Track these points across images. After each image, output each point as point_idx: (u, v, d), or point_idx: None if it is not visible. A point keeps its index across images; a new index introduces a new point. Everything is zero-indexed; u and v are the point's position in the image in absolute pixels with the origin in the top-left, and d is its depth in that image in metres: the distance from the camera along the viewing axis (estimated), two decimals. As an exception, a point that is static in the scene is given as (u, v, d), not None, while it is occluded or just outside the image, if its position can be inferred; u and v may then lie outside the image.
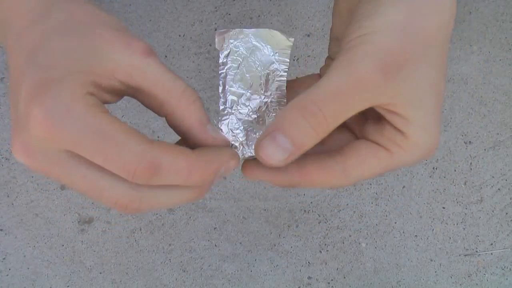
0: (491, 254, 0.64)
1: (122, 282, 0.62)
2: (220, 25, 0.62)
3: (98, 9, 0.23)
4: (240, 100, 0.26)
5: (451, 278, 0.64)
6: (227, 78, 0.26)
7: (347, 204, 0.64)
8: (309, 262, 0.63)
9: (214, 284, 0.63)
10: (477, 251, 0.64)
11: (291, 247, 0.63)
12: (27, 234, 0.61)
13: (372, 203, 0.64)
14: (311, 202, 0.63)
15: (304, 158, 0.24)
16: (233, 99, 0.26)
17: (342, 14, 0.26)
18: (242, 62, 0.26)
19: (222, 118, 0.26)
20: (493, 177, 0.64)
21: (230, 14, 0.62)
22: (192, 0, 0.62)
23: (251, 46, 0.26)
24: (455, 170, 0.64)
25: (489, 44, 0.64)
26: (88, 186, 0.21)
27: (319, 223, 0.63)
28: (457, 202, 0.64)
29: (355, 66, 0.21)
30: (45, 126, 0.19)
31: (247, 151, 0.26)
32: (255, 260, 0.63)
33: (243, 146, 0.26)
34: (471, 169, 0.64)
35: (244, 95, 0.26)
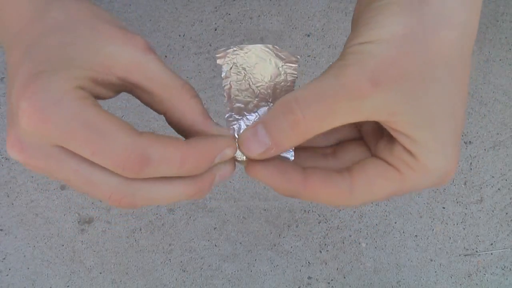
0: (491, 254, 0.64)
1: (122, 282, 0.62)
2: (220, 25, 0.62)
3: (97, 7, 0.23)
4: (247, 107, 0.25)
5: (451, 278, 0.64)
6: (232, 89, 0.25)
7: (347, 204, 0.64)
8: (309, 262, 0.63)
9: (214, 284, 0.63)
10: (477, 251, 0.64)
11: (291, 247, 0.63)
12: (27, 234, 0.61)
13: (372, 203, 0.64)
14: (311, 202, 0.63)
15: (312, 170, 0.23)
16: (240, 106, 0.25)
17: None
18: (247, 74, 0.25)
19: (230, 124, 0.25)
20: (493, 177, 0.64)
21: (230, 14, 0.62)
22: (192, 0, 0.62)
23: (255, 60, 0.25)
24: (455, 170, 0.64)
25: (489, 44, 0.64)
26: (80, 181, 0.21)
27: (319, 223, 0.63)
28: (457, 202, 0.64)
29: (344, 72, 0.20)
30: (33, 118, 0.19)
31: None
32: (255, 260, 0.63)
33: None
34: (471, 169, 0.64)
35: (251, 103, 0.25)
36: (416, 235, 0.64)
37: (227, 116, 0.25)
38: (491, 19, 0.64)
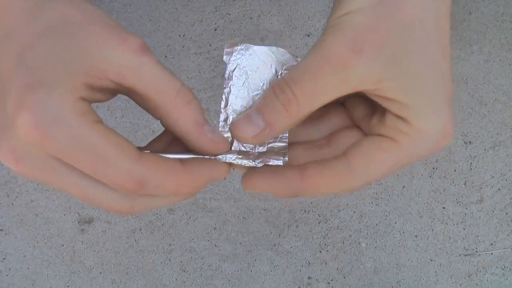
0: (491, 254, 0.64)
1: (122, 282, 0.62)
2: (220, 25, 0.62)
3: (91, 5, 0.22)
4: None
5: (451, 278, 0.64)
6: (231, 94, 0.25)
7: (347, 204, 0.64)
8: (309, 262, 0.63)
9: (214, 284, 0.63)
10: (477, 251, 0.64)
11: (291, 247, 0.63)
12: (27, 234, 0.61)
13: (372, 203, 0.64)
14: (311, 202, 0.63)
15: (307, 164, 0.23)
16: (234, 117, 0.25)
17: None
18: (248, 79, 0.25)
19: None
20: (493, 177, 0.64)
21: (230, 14, 0.62)
22: (192, 0, 0.62)
23: (258, 64, 0.25)
24: (455, 170, 0.64)
25: (489, 44, 0.64)
26: (79, 193, 0.21)
27: (319, 223, 0.63)
28: (457, 202, 0.64)
29: (325, 46, 0.21)
30: (32, 133, 0.19)
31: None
32: (255, 260, 0.63)
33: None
34: (471, 169, 0.64)
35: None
36: (416, 235, 0.64)
37: (221, 125, 0.25)
38: (491, 19, 0.64)
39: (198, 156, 0.23)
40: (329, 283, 0.63)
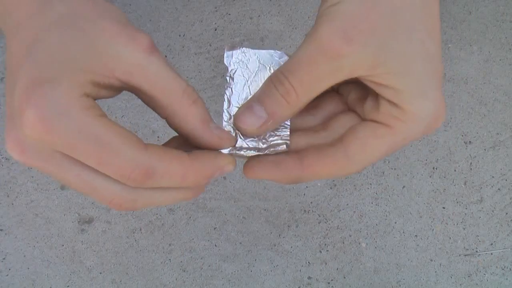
0: (491, 254, 0.64)
1: (122, 282, 0.62)
2: (220, 25, 0.62)
3: (102, 0, 0.22)
4: None
5: (451, 278, 0.64)
6: (233, 95, 0.26)
7: (347, 204, 0.64)
8: (309, 262, 0.63)
9: (214, 284, 0.63)
10: (477, 251, 0.64)
11: (291, 247, 0.63)
12: (27, 234, 0.61)
13: (372, 203, 0.64)
14: (311, 202, 0.63)
15: (306, 150, 0.24)
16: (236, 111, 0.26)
17: None
18: (248, 81, 0.26)
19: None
20: (493, 177, 0.64)
21: (230, 14, 0.62)
22: (192, 0, 0.62)
23: (258, 66, 0.26)
24: (455, 170, 0.64)
25: (489, 44, 0.64)
26: (82, 186, 0.21)
27: (319, 223, 0.63)
28: (457, 202, 0.64)
29: (317, 36, 0.21)
30: (38, 128, 0.19)
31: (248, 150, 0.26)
32: (255, 260, 0.63)
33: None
34: (471, 169, 0.64)
35: None
36: (416, 235, 0.64)
37: (224, 125, 0.25)
38: (491, 19, 0.64)
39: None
40: (329, 283, 0.63)
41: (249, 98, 0.25)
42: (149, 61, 0.21)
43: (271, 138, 0.25)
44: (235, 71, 0.26)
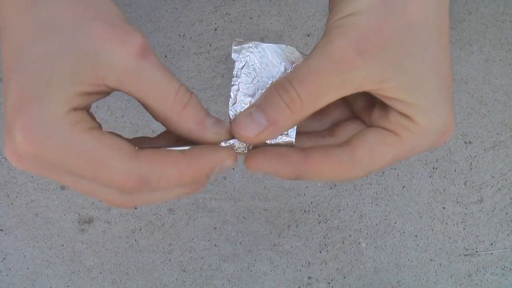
0: (491, 254, 0.64)
1: (122, 282, 0.62)
2: (220, 25, 0.62)
3: None
4: None
5: (451, 278, 0.64)
6: (240, 91, 0.25)
7: (347, 204, 0.64)
8: (309, 262, 0.63)
9: (214, 284, 0.63)
10: (477, 251, 0.64)
11: (291, 247, 0.63)
12: (27, 234, 0.61)
13: (372, 203, 0.64)
14: (311, 202, 0.63)
15: (312, 148, 0.23)
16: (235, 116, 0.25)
17: None
18: (256, 77, 0.25)
19: None
20: (493, 177, 0.64)
21: (230, 14, 0.62)
22: (192, 0, 0.62)
23: (267, 62, 0.25)
24: (455, 170, 0.64)
25: (489, 44, 0.64)
26: (80, 189, 0.22)
27: (319, 223, 0.63)
28: (457, 202, 0.64)
29: (330, 47, 0.21)
30: (28, 149, 0.19)
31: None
32: (255, 260, 0.63)
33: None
34: (471, 169, 0.64)
35: None
36: (416, 235, 0.64)
37: (229, 121, 0.25)
38: (491, 19, 0.64)
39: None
40: (329, 283, 0.63)
41: (252, 103, 0.25)
42: (140, 67, 0.20)
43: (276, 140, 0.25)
44: (243, 67, 0.25)
